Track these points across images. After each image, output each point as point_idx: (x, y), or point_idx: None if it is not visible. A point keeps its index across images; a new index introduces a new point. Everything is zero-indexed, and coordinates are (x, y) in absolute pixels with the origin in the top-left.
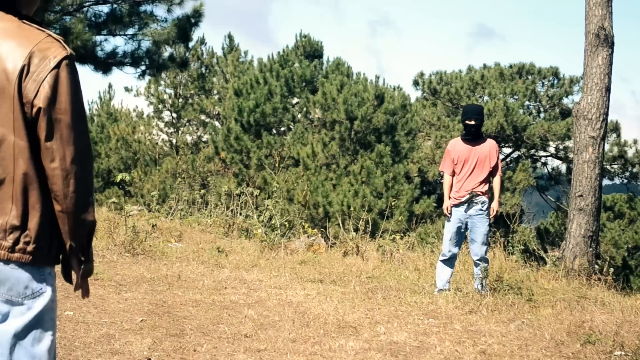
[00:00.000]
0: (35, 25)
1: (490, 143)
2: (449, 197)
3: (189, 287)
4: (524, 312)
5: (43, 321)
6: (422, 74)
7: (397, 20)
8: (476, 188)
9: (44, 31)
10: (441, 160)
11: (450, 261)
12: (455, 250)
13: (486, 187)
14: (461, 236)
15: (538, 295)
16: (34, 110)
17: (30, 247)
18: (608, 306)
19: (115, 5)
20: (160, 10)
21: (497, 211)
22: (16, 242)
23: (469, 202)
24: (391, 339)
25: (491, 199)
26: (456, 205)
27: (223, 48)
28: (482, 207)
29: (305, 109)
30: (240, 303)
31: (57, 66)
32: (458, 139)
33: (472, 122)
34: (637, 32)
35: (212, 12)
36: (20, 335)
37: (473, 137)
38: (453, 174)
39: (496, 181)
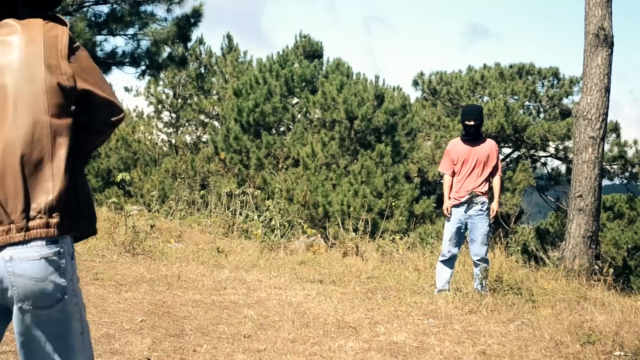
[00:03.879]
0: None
1: (490, 143)
2: (449, 198)
3: (189, 287)
4: (523, 312)
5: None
6: (421, 74)
7: (391, 18)
8: (476, 188)
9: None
10: (441, 160)
11: (450, 262)
12: (455, 250)
13: (486, 187)
14: (461, 237)
15: (538, 295)
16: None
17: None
18: (608, 306)
19: (115, 5)
20: (160, 10)
21: (497, 211)
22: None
23: (469, 202)
24: (391, 339)
25: (491, 199)
26: (456, 206)
27: (222, 48)
28: (482, 207)
29: (305, 109)
30: (240, 303)
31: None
32: (458, 139)
33: (472, 123)
34: (635, 31)
35: (206, 12)
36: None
37: (473, 137)
38: (453, 174)
39: (496, 181)
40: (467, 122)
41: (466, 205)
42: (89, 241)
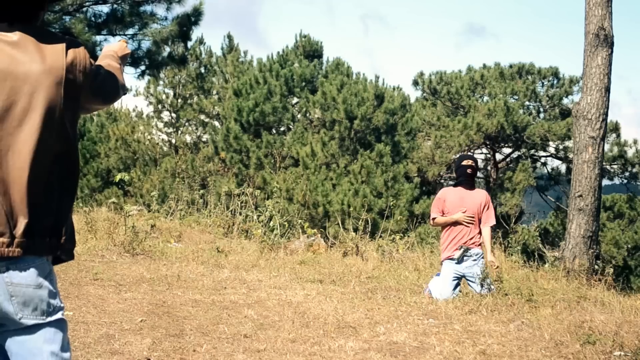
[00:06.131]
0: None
1: (484, 193)
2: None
3: (189, 287)
4: (523, 312)
5: None
6: (421, 74)
7: (387, 17)
8: (469, 241)
9: None
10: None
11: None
12: (449, 296)
13: (480, 238)
14: (455, 286)
15: (538, 295)
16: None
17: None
18: (608, 306)
19: (115, 6)
20: (160, 10)
21: (497, 265)
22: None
23: (462, 257)
24: (391, 339)
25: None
26: (450, 259)
27: (222, 48)
28: (476, 257)
29: (304, 109)
30: (240, 303)
31: None
32: (449, 188)
33: (470, 162)
34: (635, 31)
35: (204, 12)
36: None
37: (468, 180)
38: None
39: (486, 232)
40: (464, 163)
41: (459, 260)
42: (89, 241)
